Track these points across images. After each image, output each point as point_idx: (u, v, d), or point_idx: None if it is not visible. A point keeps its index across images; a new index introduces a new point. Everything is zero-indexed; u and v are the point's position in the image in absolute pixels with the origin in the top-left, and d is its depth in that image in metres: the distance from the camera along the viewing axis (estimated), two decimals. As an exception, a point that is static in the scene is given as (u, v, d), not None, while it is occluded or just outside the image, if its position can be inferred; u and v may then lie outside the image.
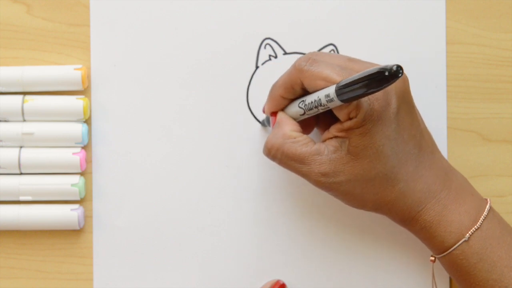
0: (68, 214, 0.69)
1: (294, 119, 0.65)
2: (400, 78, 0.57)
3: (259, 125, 0.70)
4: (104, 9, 0.70)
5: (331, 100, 0.61)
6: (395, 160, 0.63)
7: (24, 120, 0.69)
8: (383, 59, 0.70)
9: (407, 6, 0.70)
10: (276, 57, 0.70)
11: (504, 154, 0.70)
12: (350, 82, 0.59)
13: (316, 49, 0.70)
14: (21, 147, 0.69)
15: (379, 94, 0.61)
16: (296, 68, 0.63)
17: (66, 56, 0.70)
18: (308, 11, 0.70)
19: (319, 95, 0.62)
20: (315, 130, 0.68)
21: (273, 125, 0.66)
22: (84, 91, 0.70)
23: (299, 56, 0.70)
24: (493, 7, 0.70)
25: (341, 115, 0.62)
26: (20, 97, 0.69)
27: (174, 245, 0.70)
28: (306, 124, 0.67)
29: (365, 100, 0.61)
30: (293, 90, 0.64)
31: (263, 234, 0.70)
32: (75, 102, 0.69)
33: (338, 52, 0.70)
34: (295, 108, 0.65)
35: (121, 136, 0.70)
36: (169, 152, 0.70)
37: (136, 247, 0.70)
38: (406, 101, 0.63)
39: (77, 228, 0.70)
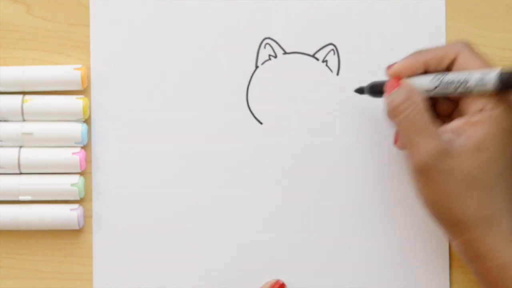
0: (67, 214, 0.69)
1: None
2: None
3: (259, 125, 0.70)
4: (104, 9, 0.70)
5: (482, 85, 0.60)
6: (506, 180, 0.60)
7: (24, 120, 0.69)
8: (383, 59, 0.70)
9: (407, 6, 0.70)
10: (276, 57, 0.70)
11: (504, 154, 0.70)
12: None
13: (316, 49, 0.70)
14: (20, 147, 0.69)
15: None
16: (459, 42, 0.63)
17: (66, 56, 0.70)
18: (308, 11, 0.70)
19: (468, 76, 0.61)
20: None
21: (390, 90, 0.64)
22: (83, 91, 0.70)
23: (299, 56, 0.70)
24: (493, 7, 0.70)
25: (474, 105, 0.61)
26: (19, 97, 0.69)
27: (174, 245, 0.70)
28: None
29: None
30: (440, 62, 0.63)
31: (263, 234, 0.70)
32: (75, 102, 0.69)
33: (338, 52, 0.70)
34: (426, 82, 0.63)
35: (121, 136, 0.70)
36: (169, 152, 0.70)
37: (136, 247, 0.70)
38: None
39: (77, 228, 0.70)
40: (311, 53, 0.70)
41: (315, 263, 0.70)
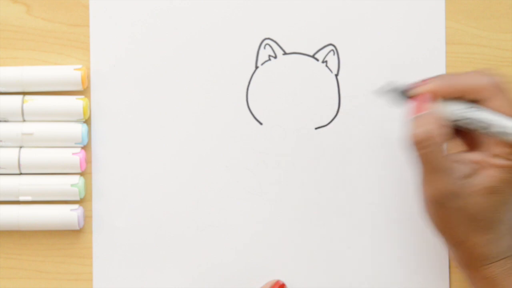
0: (68, 214, 0.69)
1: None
2: None
3: (259, 125, 0.70)
4: (103, 9, 0.70)
5: (505, 134, 0.60)
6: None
7: (24, 120, 0.69)
8: (383, 59, 0.70)
9: (406, 6, 0.70)
10: (275, 57, 0.70)
11: (504, 154, 0.70)
12: None
13: (316, 50, 0.70)
14: (20, 147, 0.69)
15: None
16: (494, 82, 0.61)
17: (66, 56, 0.70)
18: (308, 11, 0.70)
19: (494, 121, 0.60)
20: None
21: (418, 108, 0.62)
22: (84, 91, 0.70)
23: (299, 56, 0.70)
24: (493, 7, 0.70)
25: (494, 147, 0.61)
26: (19, 97, 0.69)
27: (174, 245, 0.70)
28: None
29: None
30: (474, 95, 0.62)
31: (263, 234, 0.70)
32: (75, 102, 0.69)
33: (338, 52, 0.70)
34: (454, 111, 0.62)
35: (121, 136, 0.70)
36: (169, 152, 0.70)
37: (136, 247, 0.70)
38: None
39: (77, 228, 0.70)
40: (311, 54, 0.70)
41: (315, 263, 0.70)
